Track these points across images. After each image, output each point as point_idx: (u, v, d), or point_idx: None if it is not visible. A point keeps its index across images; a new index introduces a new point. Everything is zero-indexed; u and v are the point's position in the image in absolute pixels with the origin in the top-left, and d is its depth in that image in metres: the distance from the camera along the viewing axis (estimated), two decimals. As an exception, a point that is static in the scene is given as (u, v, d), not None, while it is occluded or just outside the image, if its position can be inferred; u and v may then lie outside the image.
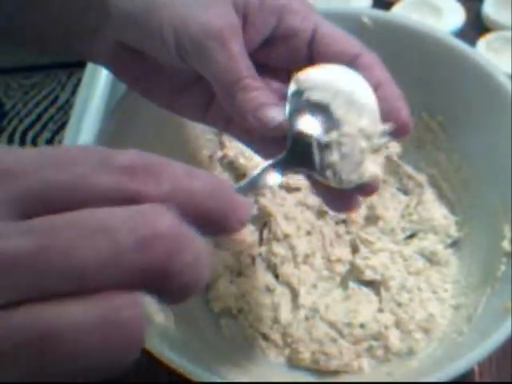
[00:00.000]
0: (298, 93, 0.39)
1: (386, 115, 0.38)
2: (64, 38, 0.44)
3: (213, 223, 0.25)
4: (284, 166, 0.36)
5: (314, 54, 0.40)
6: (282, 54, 0.41)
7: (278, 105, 0.38)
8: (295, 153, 0.37)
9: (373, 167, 0.37)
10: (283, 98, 0.39)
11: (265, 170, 0.35)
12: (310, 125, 0.38)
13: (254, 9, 0.39)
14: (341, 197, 0.40)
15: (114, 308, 0.21)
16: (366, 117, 0.38)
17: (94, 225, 0.21)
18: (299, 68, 0.40)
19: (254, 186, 0.34)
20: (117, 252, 0.21)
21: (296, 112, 0.38)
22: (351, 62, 0.39)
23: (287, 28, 0.40)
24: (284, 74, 0.41)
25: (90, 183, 0.22)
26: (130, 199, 0.22)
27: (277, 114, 0.37)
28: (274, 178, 0.35)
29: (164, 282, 0.22)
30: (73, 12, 0.42)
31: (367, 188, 0.39)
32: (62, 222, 0.21)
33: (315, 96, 0.38)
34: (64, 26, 0.43)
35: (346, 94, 0.38)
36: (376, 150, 0.38)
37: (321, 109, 0.38)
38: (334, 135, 0.37)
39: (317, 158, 0.37)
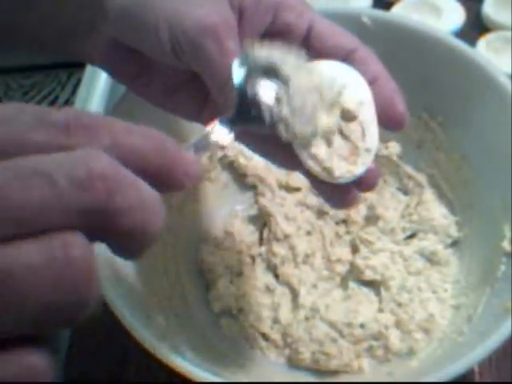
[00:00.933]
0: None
1: (381, 108, 0.38)
2: (59, 38, 0.44)
3: (157, 178, 0.25)
4: (233, 123, 0.35)
5: (309, 50, 0.40)
6: None
7: None
8: (244, 110, 0.36)
9: (326, 119, 0.37)
10: None
11: (213, 129, 0.34)
12: (258, 85, 0.36)
13: (249, 5, 0.39)
14: (339, 192, 0.39)
15: (60, 246, 0.21)
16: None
17: (30, 168, 0.21)
18: None
19: (203, 145, 0.33)
20: (54, 193, 0.21)
21: (249, 75, 0.37)
22: (347, 56, 0.39)
23: (283, 24, 0.40)
24: None
25: (25, 138, 0.22)
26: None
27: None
28: (224, 136, 0.34)
29: (107, 222, 0.22)
30: (67, 11, 0.42)
31: (364, 182, 0.39)
32: None
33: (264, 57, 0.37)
34: (59, 25, 0.43)
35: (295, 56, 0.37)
36: (331, 104, 0.37)
37: (273, 72, 0.37)
38: (281, 91, 0.36)
39: (267, 113, 0.36)
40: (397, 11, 0.66)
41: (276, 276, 0.50)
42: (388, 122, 0.39)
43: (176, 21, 0.37)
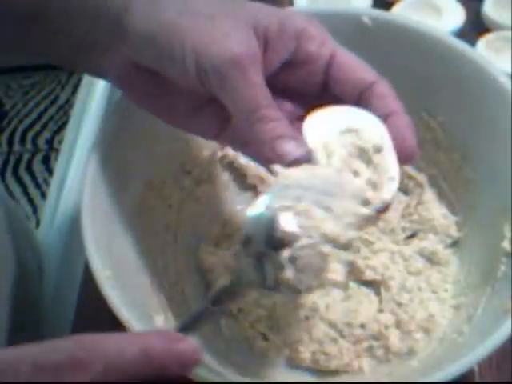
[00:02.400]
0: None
1: (394, 142, 0.39)
2: (72, 54, 0.43)
3: (161, 379, 0.29)
4: (226, 297, 0.37)
5: (329, 80, 0.41)
6: (298, 79, 0.42)
7: (295, 138, 0.38)
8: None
9: (334, 274, 0.37)
10: (296, 120, 0.40)
11: (207, 307, 0.36)
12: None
13: (273, 34, 0.39)
14: None
15: None
16: (341, 203, 0.37)
17: None
18: (309, 110, 0.40)
19: (197, 323, 0.36)
20: None
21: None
22: (366, 89, 0.40)
23: (305, 53, 0.40)
24: (299, 97, 0.42)
25: None
26: None
27: (293, 149, 0.37)
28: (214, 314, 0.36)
29: None
30: (80, 28, 0.42)
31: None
32: None
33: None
34: (71, 41, 0.42)
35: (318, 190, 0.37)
36: (344, 247, 0.37)
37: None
38: (285, 253, 0.36)
39: (270, 274, 0.36)
40: (397, 11, 0.66)
41: (276, 276, 0.50)
42: (400, 156, 0.40)
43: (203, 50, 0.38)
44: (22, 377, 0.26)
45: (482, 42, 0.63)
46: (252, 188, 0.55)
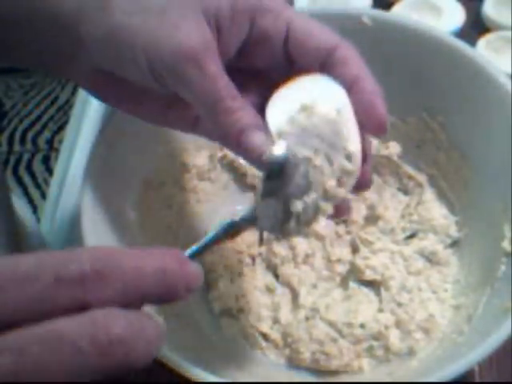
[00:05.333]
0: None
1: (361, 111, 0.37)
2: (39, 61, 0.42)
3: (163, 301, 0.28)
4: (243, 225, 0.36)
5: (290, 53, 0.39)
6: (259, 57, 0.40)
7: (261, 127, 0.37)
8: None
9: (319, 226, 0.39)
10: (261, 111, 0.38)
11: (221, 229, 0.35)
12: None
13: (225, 15, 0.37)
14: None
15: None
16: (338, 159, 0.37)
17: (58, 338, 0.24)
18: (274, 86, 0.39)
19: (208, 246, 0.35)
20: (80, 360, 0.24)
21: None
22: (327, 57, 0.38)
23: (260, 31, 0.38)
24: (263, 76, 0.41)
25: (48, 301, 0.25)
26: (86, 307, 0.25)
27: (260, 142, 0.36)
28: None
29: (121, 370, 0.25)
30: (44, 38, 0.40)
31: (359, 184, 0.39)
32: (30, 338, 0.24)
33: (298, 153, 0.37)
34: (37, 50, 0.41)
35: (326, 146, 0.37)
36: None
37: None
38: (298, 205, 0.36)
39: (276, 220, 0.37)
40: (397, 11, 0.66)
41: (276, 276, 0.50)
42: (368, 127, 0.38)
43: (153, 50, 0.36)
44: (43, 290, 0.25)
45: (482, 42, 0.63)
46: (252, 188, 0.55)
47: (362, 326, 0.47)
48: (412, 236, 0.52)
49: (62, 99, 1.66)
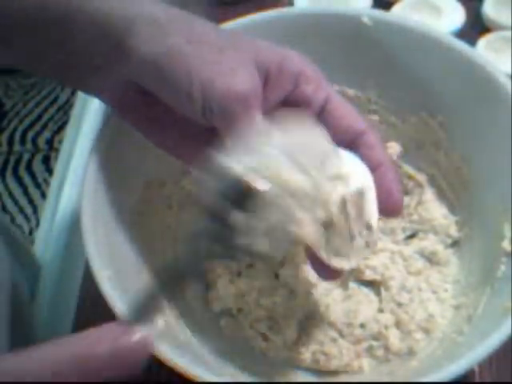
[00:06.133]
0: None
1: (380, 195, 0.41)
2: (58, 69, 0.42)
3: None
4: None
5: (322, 125, 0.41)
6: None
7: None
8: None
9: (302, 227, 0.36)
10: None
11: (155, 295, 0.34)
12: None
13: (273, 74, 0.40)
14: (330, 271, 0.41)
15: None
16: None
17: None
18: None
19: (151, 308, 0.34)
20: None
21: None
22: (356, 138, 0.41)
23: (302, 95, 0.41)
24: None
25: None
26: None
27: None
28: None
29: None
30: (75, 43, 0.40)
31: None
32: None
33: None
34: (60, 56, 0.41)
35: None
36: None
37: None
38: (253, 219, 0.35)
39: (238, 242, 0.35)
40: (397, 11, 0.66)
41: (276, 276, 0.50)
42: (385, 209, 0.41)
43: (210, 83, 0.38)
44: None
45: (482, 42, 0.63)
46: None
47: (362, 326, 0.47)
48: (412, 236, 0.52)
49: (61, 99, 1.66)
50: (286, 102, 0.41)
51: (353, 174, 0.39)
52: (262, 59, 0.40)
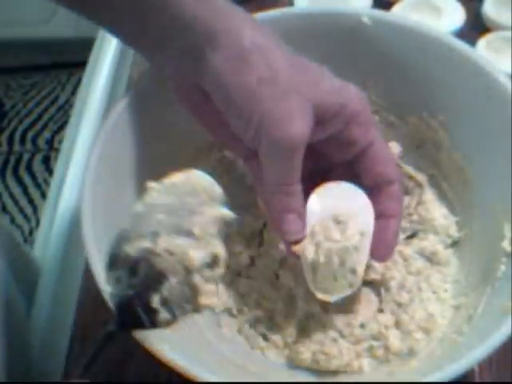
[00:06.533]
0: None
1: (377, 243, 0.44)
2: (136, 39, 0.44)
3: None
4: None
5: (357, 162, 0.44)
6: (331, 149, 0.45)
7: (302, 216, 0.43)
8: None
9: (208, 297, 0.38)
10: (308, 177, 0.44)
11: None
12: None
13: (329, 116, 0.42)
14: None
15: None
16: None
17: None
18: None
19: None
20: None
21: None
22: (383, 185, 0.44)
23: (348, 134, 0.43)
24: (321, 157, 0.46)
25: None
26: None
27: (296, 230, 0.43)
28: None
29: None
30: (170, 41, 0.42)
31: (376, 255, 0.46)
32: None
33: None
34: (142, 32, 0.43)
35: None
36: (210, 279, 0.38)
37: None
38: (155, 299, 0.37)
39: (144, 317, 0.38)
40: (397, 11, 0.66)
41: (276, 276, 0.50)
42: (376, 255, 0.45)
43: (267, 127, 0.40)
44: None
45: (482, 42, 0.63)
46: (252, 188, 0.54)
47: (362, 326, 0.47)
48: (412, 236, 0.52)
49: (61, 99, 1.66)
50: (331, 136, 0.43)
51: (352, 228, 0.43)
52: (322, 103, 0.41)
